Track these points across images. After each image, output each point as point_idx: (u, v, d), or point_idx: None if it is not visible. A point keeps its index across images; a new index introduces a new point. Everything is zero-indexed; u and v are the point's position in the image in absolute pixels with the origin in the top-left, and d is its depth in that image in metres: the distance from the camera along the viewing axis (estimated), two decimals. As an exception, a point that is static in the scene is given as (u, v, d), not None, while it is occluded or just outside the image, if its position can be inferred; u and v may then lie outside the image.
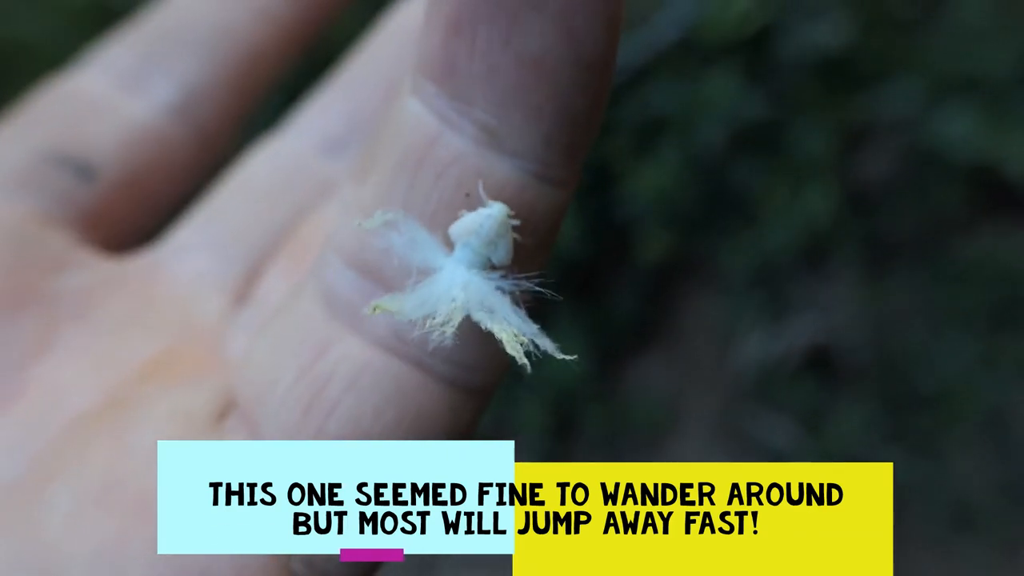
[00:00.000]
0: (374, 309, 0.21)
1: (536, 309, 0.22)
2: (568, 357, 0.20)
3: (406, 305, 0.20)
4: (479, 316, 0.20)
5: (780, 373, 1.18)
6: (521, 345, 0.20)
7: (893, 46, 1.17)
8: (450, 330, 0.20)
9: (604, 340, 1.19)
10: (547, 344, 0.20)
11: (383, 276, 0.23)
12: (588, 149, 0.22)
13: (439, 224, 0.22)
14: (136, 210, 0.35)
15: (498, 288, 0.20)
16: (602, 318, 1.18)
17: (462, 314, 0.20)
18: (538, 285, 0.21)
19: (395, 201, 0.22)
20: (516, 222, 0.20)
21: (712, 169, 1.12)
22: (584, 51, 0.20)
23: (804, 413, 1.17)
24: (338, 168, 0.34)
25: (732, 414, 1.19)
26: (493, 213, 0.20)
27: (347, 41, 0.36)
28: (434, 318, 0.20)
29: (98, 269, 0.32)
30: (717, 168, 1.12)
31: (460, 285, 0.20)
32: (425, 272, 0.21)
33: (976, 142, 1.14)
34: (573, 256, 1.11)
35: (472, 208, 0.21)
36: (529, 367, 0.20)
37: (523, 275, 0.21)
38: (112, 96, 0.34)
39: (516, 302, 0.21)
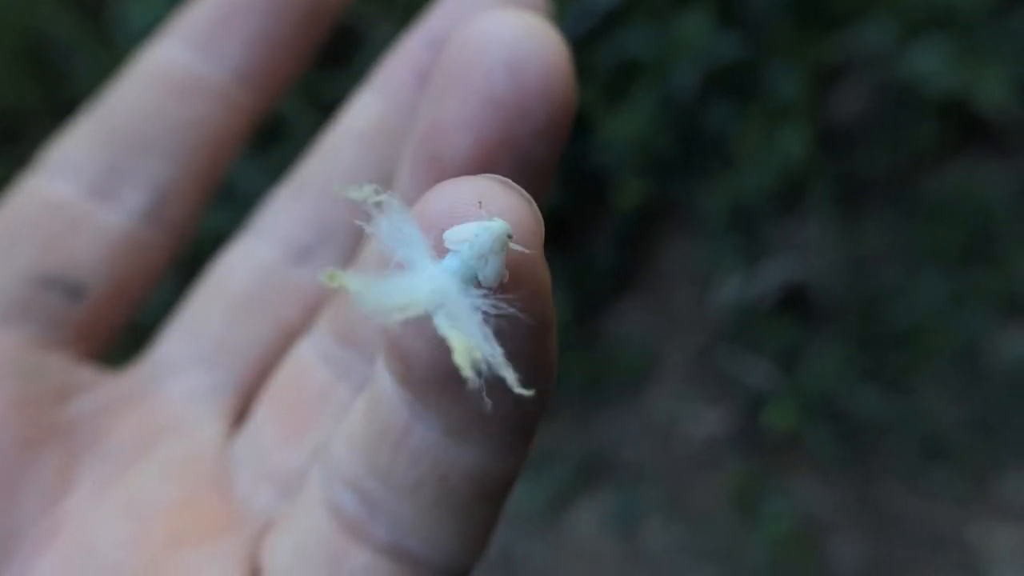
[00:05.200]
0: (331, 278, 0.19)
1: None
2: (526, 392, 0.19)
3: (367, 288, 0.19)
4: (439, 320, 0.19)
5: (757, 314, 1.19)
6: (474, 362, 0.18)
7: (866, -17, 1.16)
8: (398, 319, 0.19)
9: (583, 288, 1.19)
10: (508, 375, 0.19)
11: (377, 498, 0.24)
12: (542, 420, 0.24)
13: (420, 496, 0.24)
14: (120, 318, 0.35)
15: (473, 305, 0.19)
16: (580, 266, 1.19)
17: (420, 310, 0.19)
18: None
19: (378, 468, 0.24)
20: (519, 247, 0.20)
21: (686, 113, 1.11)
22: (522, 398, 0.21)
23: (781, 353, 1.18)
24: (308, 276, 0.34)
25: (710, 356, 1.20)
26: (492, 226, 0.19)
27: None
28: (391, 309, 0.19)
29: (101, 389, 0.33)
30: (691, 112, 1.12)
31: (432, 284, 0.19)
32: (403, 269, 0.20)
33: (947, 77, 1.14)
34: (550, 205, 1.10)
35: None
36: (478, 384, 0.18)
37: (505, 301, 0.20)
38: (85, 206, 0.34)
39: (488, 324, 0.19)
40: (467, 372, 0.18)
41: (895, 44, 1.15)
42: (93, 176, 0.34)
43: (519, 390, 0.19)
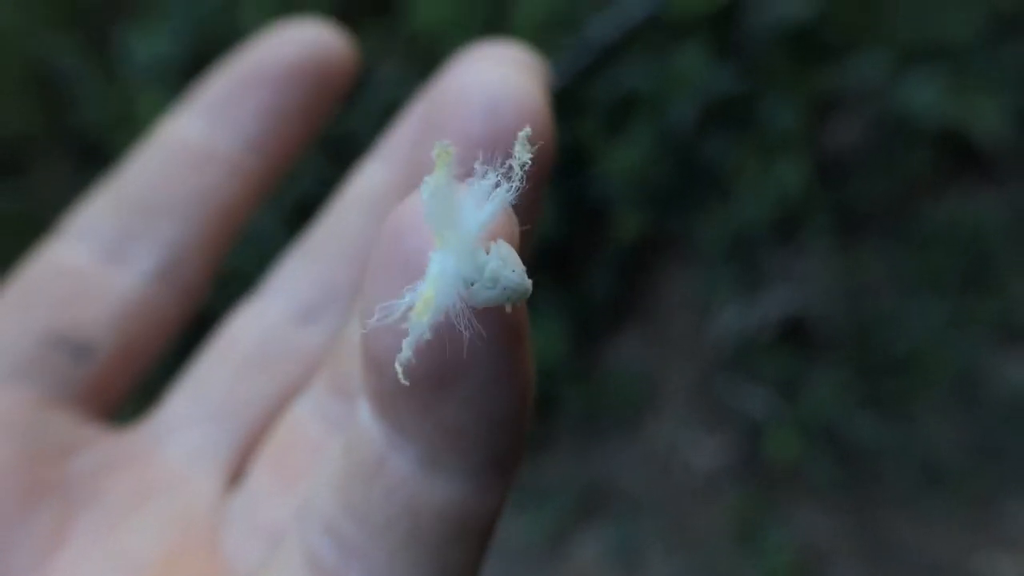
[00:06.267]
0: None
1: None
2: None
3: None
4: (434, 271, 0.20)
5: (756, 344, 1.19)
6: (427, 312, 0.19)
7: (859, 16, 1.18)
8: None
9: (582, 319, 1.19)
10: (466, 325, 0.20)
11: (351, 541, 0.24)
12: (521, 460, 0.24)
13: (394, 536, 0.24)
14: (130, 378, 0.36)
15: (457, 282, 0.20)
16: (579, 297, 1.19)
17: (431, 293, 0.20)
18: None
19: (353, 505, 0.24)
20: (518, 301, 0.21)
21: (684, 145, 1.13)
22: (498, 417, 0.22)
23: (780, 382, 1.18)
24: (313, 337, 0.35)
25: (710, 386, 1.21)
26: (518, 283, 0.20)
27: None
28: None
29: (102, 447, 0.34)
30: (689, 144, 1.13)
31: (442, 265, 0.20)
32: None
33: (942, 107, 1.15)
34: (549, 237, 1.11)
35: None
36: (421, 328, 0.19)
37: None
38: (98, 269, 0.35)
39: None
40: (424, 317, 0.19)
41: (889, 75, 1.16)
42: (106, 240, 0.35)
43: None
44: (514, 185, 0.20)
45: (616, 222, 1.15)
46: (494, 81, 0.26)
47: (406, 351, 0.20)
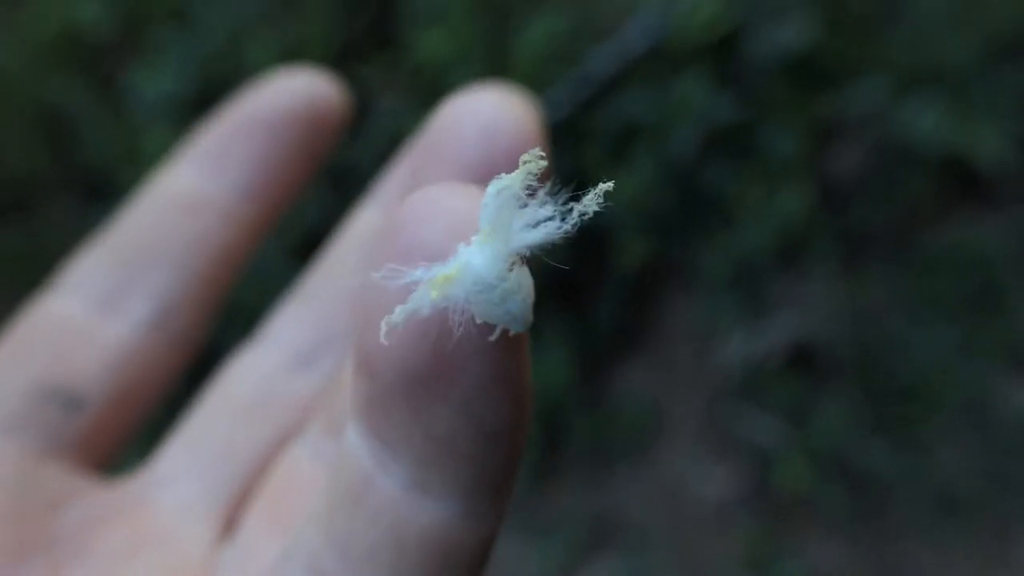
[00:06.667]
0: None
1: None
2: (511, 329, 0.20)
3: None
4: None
5: (763, 371, 1.19)
6: (439, 288, 0.20)
7: (857, 43, 1.19)
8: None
9: (587, 348, 1.19)
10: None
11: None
12: (513, 486, 0.24)
13: (376, 567, 0.23)
14: (124, 428, 0.36)
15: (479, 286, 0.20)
16: (584, 326, 1.19)
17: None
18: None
19: (337, 535, 0.24)
20: (514, 330, 0.21)
21: (686, 173, 1.13)
22: (491, 427, 0.22)
23: (788, 410, 1.18)
24: (309, 382, 0.35)
25: (717, 415, 1.20)
26: (522, 313, 0.20)
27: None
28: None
29: (93, 500, 0.34)
30: (691, 172, 1.13)
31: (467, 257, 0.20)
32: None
33: (943, 133, 1.16)
34: (551, 266, 1.11)
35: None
36: (424, 302, 0.20)
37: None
38: (90, 320, 0.35)
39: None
40: (433, 292, 0.19)
41: (889, 101, 1.17)
42: (99, 291, 0.36)
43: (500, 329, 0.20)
44: (566, 227, 0.21)
45: (619, 250, 1.16)
46: (488, 109, 0.27)
47: (399, 314, 0.20)
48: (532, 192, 0.21)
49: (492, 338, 0.21)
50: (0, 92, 1.17)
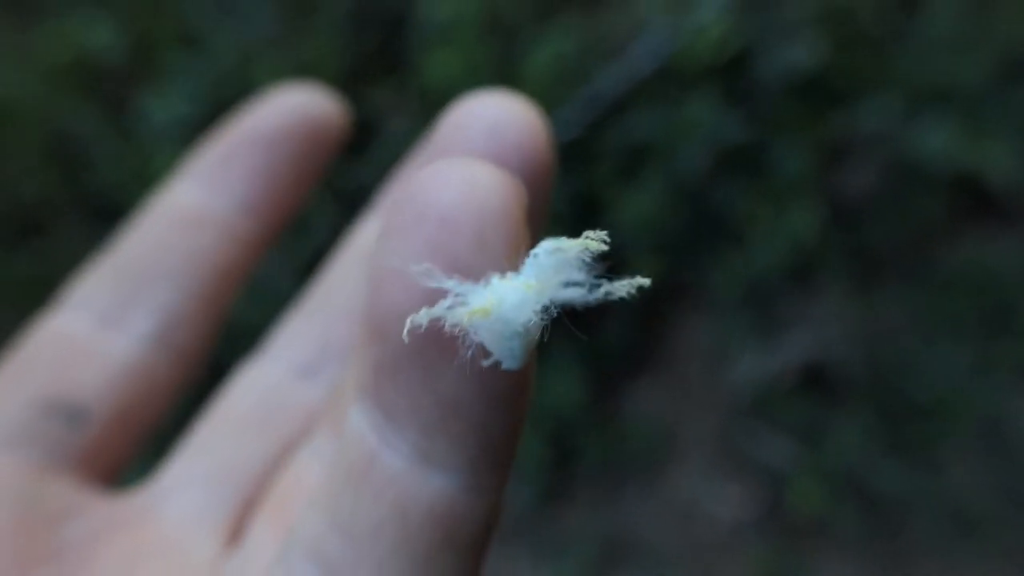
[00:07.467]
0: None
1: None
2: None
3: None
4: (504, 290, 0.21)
5: (775, 391, 1.18)
6: (474, 319, 0.20)
7: (867, 62, 1.19)
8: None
9: (598, 368, 1.19)
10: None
11: (337, 560, 0.24)
12: (514, 458, 0.24)
13: (381, 545, 0.23)
14: (128, 442, 0.36)
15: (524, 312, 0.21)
16: (595, 347, 1.19)
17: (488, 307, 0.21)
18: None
19: (340, 516, 0.24)
20: (502, 365, 0.21)
21: (696, 193, 1.13)
22: (497, 392, 0.22)
23: (802, 430, 1.17)
24: (314, 392, 0.35)
25: (730, 435, 1.19)
26: (517, 355, 0.21)
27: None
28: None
29: (97, 513, 0.34)
30: (701, 192, 1.13)
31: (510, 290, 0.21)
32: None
33: (954, 152, 1.15)
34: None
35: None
36: (459, 322, 0.20)
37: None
38: (93, 335, 0.36)
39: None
40: (468, 319, 0.20)
41: (900, 120, 1.17)
42: (102, 307, 0.36)
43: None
44: (591, 298, 0.23)
45: (630, 270, 1.15)
46: (496, 109, 0.27)
47: (423, 316, 0.20)
48: (583, 265, 0.22)
49: (485, 364, 0.21)
50: (12, 118, 1.19)
